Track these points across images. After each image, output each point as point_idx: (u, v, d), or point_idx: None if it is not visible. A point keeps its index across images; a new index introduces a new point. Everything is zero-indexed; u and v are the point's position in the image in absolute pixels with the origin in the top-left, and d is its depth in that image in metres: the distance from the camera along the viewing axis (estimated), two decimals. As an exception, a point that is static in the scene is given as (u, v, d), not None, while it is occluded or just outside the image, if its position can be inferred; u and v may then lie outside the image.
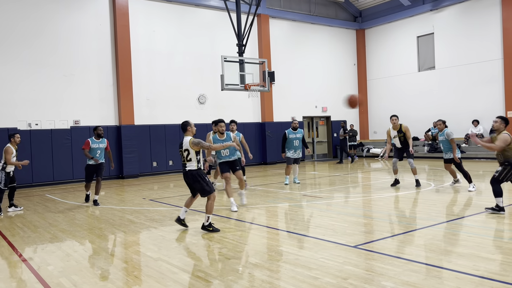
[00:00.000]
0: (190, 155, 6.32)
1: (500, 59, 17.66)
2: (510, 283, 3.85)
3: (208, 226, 6.43)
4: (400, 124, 10.37)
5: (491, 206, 6.98)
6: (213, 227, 6.45)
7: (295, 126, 11.48)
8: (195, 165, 6.35)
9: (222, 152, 8.20)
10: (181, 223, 6.69)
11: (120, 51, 15.54)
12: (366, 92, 23.17)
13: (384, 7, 21.80)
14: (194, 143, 6.26)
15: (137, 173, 15.72)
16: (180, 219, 6.70)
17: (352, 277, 4.17)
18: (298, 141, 11.42)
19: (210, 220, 6.45)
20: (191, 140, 6.29)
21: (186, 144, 6.32)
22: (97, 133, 9.62)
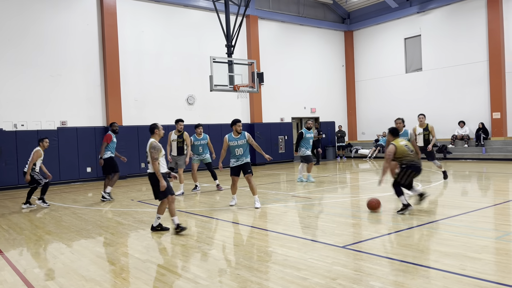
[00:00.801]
0: (149, 157, 6.35)
1: (485, 61, 17.92)
2: (497, 282, 3.90)
3: (177, 227, 6.45)
4: (427, 123, 11.02)
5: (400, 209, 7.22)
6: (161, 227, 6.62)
7: (310, 126, 12.14)
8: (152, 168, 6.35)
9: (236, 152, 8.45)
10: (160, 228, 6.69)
11: (108, 51, 15.41)
12: (354, 93, 23.33)
13: (372, 9, 21.98)
14: (151, 147, 6.29)
15: (125, 174, 15.59)
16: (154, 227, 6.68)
17: (340, 277, 4.19)
18: (312, 140, 12.15)
19: (177, 222, 6.47)
20: (150, 144, 6.33)
21: (147, 146, 6.39)
22: (113, 129, 10.34)
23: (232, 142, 8.41)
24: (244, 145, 8.48)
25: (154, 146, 6.28)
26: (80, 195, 11.52)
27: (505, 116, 17.53)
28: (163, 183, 6.30)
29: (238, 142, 8.40)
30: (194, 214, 8.05)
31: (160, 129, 6.54)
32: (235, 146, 8.41)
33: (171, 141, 10.57)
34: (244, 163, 8.49)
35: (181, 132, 10.46)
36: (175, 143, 10.49)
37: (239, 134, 8.46)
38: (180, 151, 10.46)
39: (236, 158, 8.48)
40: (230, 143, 8.42)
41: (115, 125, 10.49)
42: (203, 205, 8.99)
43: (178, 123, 10.47)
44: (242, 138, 8.45)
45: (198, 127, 11.05)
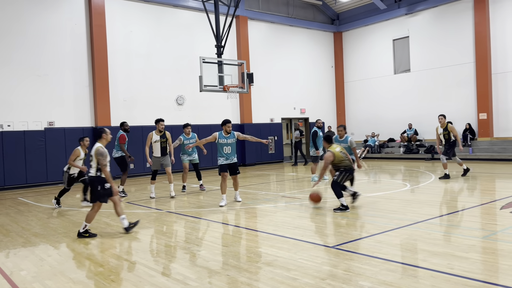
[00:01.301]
0: (92, 161, 6.34)
1: (472, 62, 18.15)
2: (484, 281, 3.95)
3: (84, 232, 6.45)
4: (447, 123, 11.55)
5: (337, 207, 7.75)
6: (89, 233, 6.51)
7: (320, 125, 12.44)
8: (94, 172, 6.35)
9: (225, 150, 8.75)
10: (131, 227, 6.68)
11: (96, 51, 15.28)
12: (343, 94, 23.45)
13: (361, 10, 22.12)
14: (98, 153, 6.28)
15: (114, 175, 15.41)
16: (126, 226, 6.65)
17: (330, 277, 4.20)
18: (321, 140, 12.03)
19: (86, 228, 6.47)
20: (96, 149, 6.32)
21: (93, 150, 6.36)
22: (124, 129, 10.71)
23: (221, 140, 8.71)
24: (233, 144, 8.83)
25: (102, 153, 6.29)
26: (68, 196, 11.38)
27: (491, 117, 17.77)
28: (115, 188, 6.42)
29: (227, 140, 8.73)
30: (183, 215, 8.02)
31: (108, 133, 6.56)
32: (224, 144, 8.70)
33: (153, 142, 10.19)
34: (234, 163, 8.84)
35: (162, 132, 10.22)
36: (158, 144, 10.16)
37: (228, 134, 8.77)
38: (164, 151, 10.26)
39: (226, 156, 8.74)
40: (220, 141, 8.70)
41: (126, 124, 10.87)
42: (192, 206, 8.96)
43: (159, 123, 10.18)
44: (231, 137, 8.78)
45: (187, 126, 10.99)
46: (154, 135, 10.21)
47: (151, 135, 10.22)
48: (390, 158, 19.73)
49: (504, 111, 17.49)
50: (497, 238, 5.50)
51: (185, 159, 10.98)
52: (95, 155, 6.30)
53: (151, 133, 10.29)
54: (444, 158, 11.59)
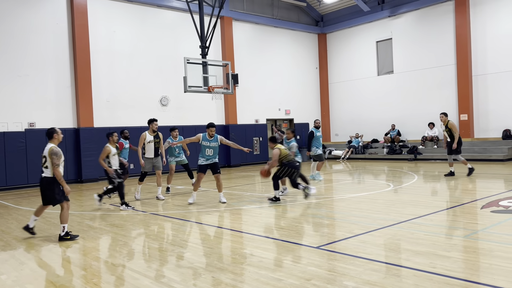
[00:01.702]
0: (47, 162, 6.30)
1: (453, 64, 18.47)
2: (465, 280, 4.02)
3: (65, 235, 6.37)
4: (448, 121, 11.83)
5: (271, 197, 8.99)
6: (70, 235, 6.42)
7: (318, 125, 12.60)
8: (50, 173, 6.31)
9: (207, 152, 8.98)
10: (30, 231, 6.64)
11: (79, 51, 15.07)
12: (327, 95, 23.61)
13: (345, 12, 22.31)
14: (52, 153, 6.23)
15: (97, 177, 15.27)
16: (28, 227, 6.61)
17: (315, 277, 4.22)
18: (321, 139, 12.58)
19: (66, 230, 6.40)
20: (50, 149, 6.27)
21: (46, 151, 6.30)
22: (125, 136, 10.88)
23: (205, 142, 8.92)
24: (216, 147, 9.02)
25: (56, 152, 6.23)
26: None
27: (472, 118, 18.11)
28: (67, 188, 6.38)
29: (210, 143, 8.93)
30: (168, 217, 7.96)
31: (59, 133, 6.50)
32: (207, 147, 8.92)
33: (147, 143, 9.94)
34: (214, 163, 9.04)
35: (155, 133, 10.03)
36: (152, 144, 9.95)
37: (212, 137, 8.98)
38: (157, 152, 10.09)
39: (206, 158, 8.98)
40: (203, 143, 8.93)
41: (126, 132, 11.05)
42: (177, 208, 8.89)
43: (152, 122, 9.93)
44: (214, 141, 8.99)
45: (174, 130, 10.85)
46: (148, 135, 9.96)
47: (144, 136, 9.93)
48: (374, 159, 19.93)
49: (484, 112, 17.84)
50: (478, 237, 5.60)
51: (172, 161, 10.91)
52: (49, 155, 6.23)
53: (144, 133, 10.00)
54: (452, 157, 11.97)
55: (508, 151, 16.48)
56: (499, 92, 17.31)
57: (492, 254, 4.74)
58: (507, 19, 16.96)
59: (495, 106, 17.49)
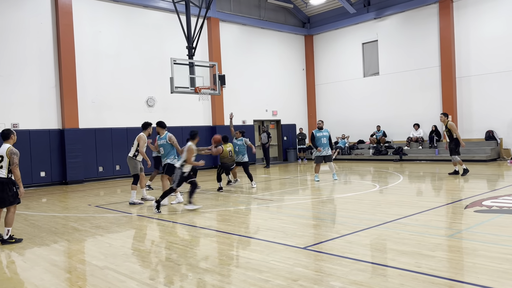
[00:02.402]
0: (2, 162, 6.26)
1: (437, 66, 18.73)
2: (449, 279, 4.07)
3: (9, 239, 6.33)
4: (447, 121, 11.84)
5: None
6: (15, 239, 6.39)
7: (320, 126, 12.61)
8: (5, 173, 6.27)
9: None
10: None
11: (63, 51, 14.88)
12: (314, 96, 23.73)
13: (331, 14, 22.46)
14: (12, 152, 6.24)
15: (82, 178, 15.09)
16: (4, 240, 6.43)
17: (302, 278, 4.23)
18: (325, 139, 12.37)
19: (10, 233, 6.37)
20: (9, 149, 6.27)
21: (3, 151, 6.27)
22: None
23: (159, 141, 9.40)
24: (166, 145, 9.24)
25: (16, 152, 6.28)
26: (33, 200, 11.03)
27: (456, 119, 18.37)
28: (22, 190, 6.36)
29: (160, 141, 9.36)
30: (154, 218, 7.90)
31: (14, 134, 6.57)
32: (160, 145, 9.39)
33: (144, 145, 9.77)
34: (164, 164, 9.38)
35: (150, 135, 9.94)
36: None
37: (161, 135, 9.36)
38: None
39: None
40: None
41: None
42: (162, 209, 8.83)
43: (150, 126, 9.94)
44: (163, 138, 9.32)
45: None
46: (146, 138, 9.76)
47: (144, 137, 9.67)
48: (360, 160, 20.09)
49: (467, 114, 18.13)
50: (462, 237, 5.69)
51: None
52: (8, 155, 6.21)
53: (144, 135, 9.70)
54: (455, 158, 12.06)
55: (491, 151, 16.77)
56: (482, 94, 17.61)
57: (475, 253, 4.82)
58: (490, 22, 17.28)
59: (478, 107, 17.79)
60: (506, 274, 4.07)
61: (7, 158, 6.21)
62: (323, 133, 12.40)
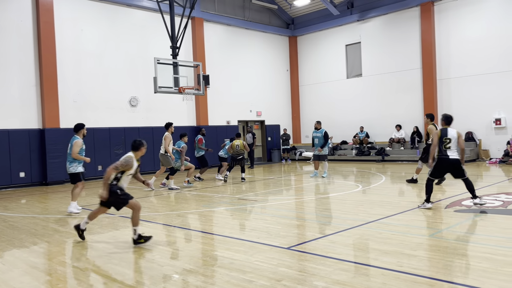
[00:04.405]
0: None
1: (419, 68, 19.03)
2: (431, 277, 4.14)
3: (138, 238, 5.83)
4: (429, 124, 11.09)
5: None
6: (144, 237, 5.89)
7: (315, 126, 13.57)
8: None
9: None
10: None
11: (44, 49, 14.61)
12: (298, 97, 23.84)
13: (315, 16, 22.61)
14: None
15: (63, 179, 14.84)
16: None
17: (285, 278, 4.24)
18: (317, 139, 13.31)
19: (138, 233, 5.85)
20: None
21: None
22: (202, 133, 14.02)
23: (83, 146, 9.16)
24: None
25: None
26: (12, 202, 10.80)
27: (437, 120, 18.67)
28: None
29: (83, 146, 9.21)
30: (137, 219, 7.81)
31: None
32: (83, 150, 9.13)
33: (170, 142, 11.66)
34: None
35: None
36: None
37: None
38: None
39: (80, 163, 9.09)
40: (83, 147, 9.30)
41: (203, 130, 14.30)
42: (146, 210, 8.75)
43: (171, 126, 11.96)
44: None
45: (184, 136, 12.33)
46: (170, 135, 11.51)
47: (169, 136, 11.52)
48: (343, 160, 20.26)
49: (448, 115, 18.43)
50: (442, 236, 5.79)
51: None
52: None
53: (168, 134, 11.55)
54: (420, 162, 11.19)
55: (470, 152, 17.11)
56: (462, 96, 17.95)
57: (456, 253, 4.91)
58: (469, 25, 17.63)
59: (458, 109, 18.11)
60: (486, 273, 4.16)
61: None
62: (316, 134, 13.37)
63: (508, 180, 11.48)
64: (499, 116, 16.99)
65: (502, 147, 16.72)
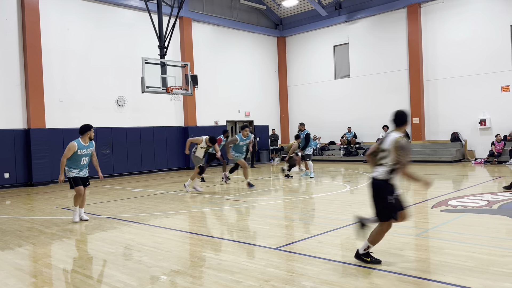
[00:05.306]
0: None
1: (406, 69, 19.22)
2: (417, 277, 4.18)
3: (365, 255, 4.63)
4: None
5: None
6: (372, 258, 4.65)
7: (299, 128, 14.34)
8: None
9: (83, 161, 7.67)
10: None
11: (29, 49, 14.39)
12: (287, 98, 23.89)
13: (304, 16, 22.69)
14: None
15: (49, 180, 14.64)
16: None
17: (274, 279, 4.25)
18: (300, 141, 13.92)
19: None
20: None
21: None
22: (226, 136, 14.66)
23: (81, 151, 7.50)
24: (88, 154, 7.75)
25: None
26: (-4, 203, 10.63)
27: (423, 121, 18.91)
28: None
29: (87, 150, 7.60)
30: (124, 220, 7.75)
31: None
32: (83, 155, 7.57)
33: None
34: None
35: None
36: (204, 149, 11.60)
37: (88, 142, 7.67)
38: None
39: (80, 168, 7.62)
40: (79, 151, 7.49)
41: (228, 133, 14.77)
42: (133, 211, 8.69)
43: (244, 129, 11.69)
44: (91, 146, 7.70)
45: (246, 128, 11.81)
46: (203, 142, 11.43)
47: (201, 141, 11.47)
48: (331, 160, 20.36)
49: (434, 116, 18.68)
50: (428, 236, 5.85)
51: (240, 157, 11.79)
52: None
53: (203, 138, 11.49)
54: None
55: (456, 153, 17.34)
56: (448, 97, 18.19)
57: (442, 252, 4.96)
58: (455, 27, 17.87)
59: (444, 110, 18.36)
60: (471, 272, 4.21)
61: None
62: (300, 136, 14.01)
63: (493, 180, 11.66)
64: (484, 117, 17.25)
65: (487, 148, 16.98)
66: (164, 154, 18.25)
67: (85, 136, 7.58)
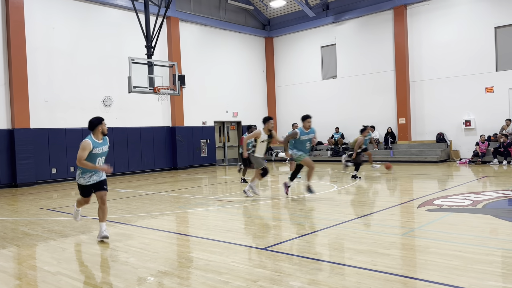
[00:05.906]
0: None
1: (392, 70, 19.41)
2: (404, 276, 4.22)
3: None
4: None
5: None
6: None
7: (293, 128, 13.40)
8: None
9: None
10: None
11: (14, 48, 14.18)
12: (274, 98, 23.93)
13: (291, 17, 22.76)
14: None
15: (34, 180, 14.44)
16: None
17: (261, 279, 4.25)
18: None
19: None
20: None
21: None
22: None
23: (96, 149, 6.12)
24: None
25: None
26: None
27: (409, 121, 19.11)
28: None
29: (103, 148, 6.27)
30: (111, 221, 7.68)
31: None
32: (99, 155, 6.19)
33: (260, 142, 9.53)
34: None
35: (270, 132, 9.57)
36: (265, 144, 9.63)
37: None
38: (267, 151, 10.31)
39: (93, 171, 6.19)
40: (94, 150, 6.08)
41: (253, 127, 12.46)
42: (120, 212, 8.61)
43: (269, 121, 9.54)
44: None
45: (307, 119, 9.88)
46: (263, 134, 9.48)
47: (259, 133, 9.45)
48: (319, 161, 20.43)
49: (420, 117, 18.90)
50: (414, 235, 5.91)
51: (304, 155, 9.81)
52: None
53: (260, 130, 9.50)
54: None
55: (441, 153, 17.56)
56: (433, 98, 18.42)
57: (427, 251, 5.02)
58: (440, 29, 18.10)
59: (429, 110, 18.59)
60: (456, 270, 4.27)
61: None
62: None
63: (477, 180, 11.84)
64: (469, 117, 17.51)
65: (471, 148, 17.24)
66: (151, 155, 18.14)
67: (97, 132, 6.16)
